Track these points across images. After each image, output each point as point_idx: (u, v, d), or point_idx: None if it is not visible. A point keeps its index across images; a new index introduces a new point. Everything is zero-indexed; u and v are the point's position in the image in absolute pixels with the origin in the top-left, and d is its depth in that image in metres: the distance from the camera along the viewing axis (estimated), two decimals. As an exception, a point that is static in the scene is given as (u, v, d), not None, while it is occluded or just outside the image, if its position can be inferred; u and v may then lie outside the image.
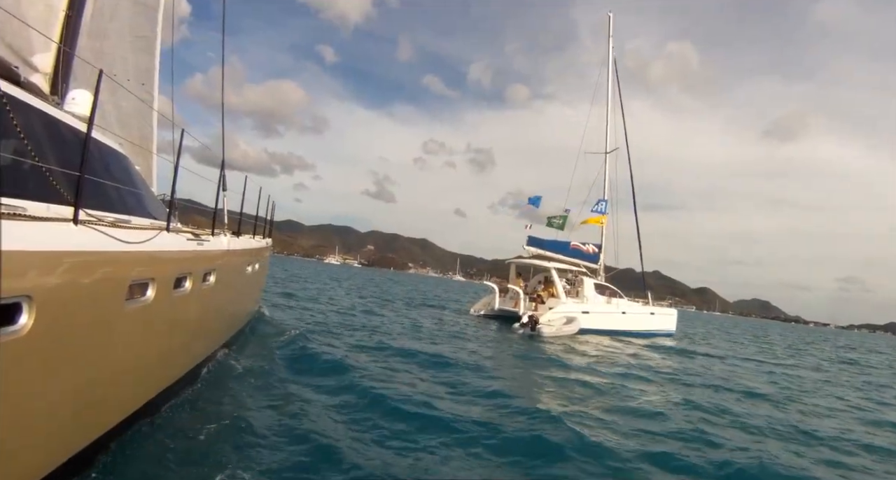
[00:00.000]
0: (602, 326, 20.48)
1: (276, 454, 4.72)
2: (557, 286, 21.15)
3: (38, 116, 4.11)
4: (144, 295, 4.12)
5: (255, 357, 8.52)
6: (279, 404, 6.19)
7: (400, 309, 22.82)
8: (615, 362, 13.67)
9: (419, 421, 6.13)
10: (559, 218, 24.62)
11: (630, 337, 20.83)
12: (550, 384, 9.90)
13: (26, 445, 2.94)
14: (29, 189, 3.63)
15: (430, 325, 17.27)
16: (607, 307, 21.98)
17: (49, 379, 3.01)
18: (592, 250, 23.86)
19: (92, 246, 3.28)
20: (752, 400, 10.47)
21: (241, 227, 8.65)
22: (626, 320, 22.17)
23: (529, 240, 23.08)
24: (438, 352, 11.15)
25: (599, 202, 24.63)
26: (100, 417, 3.87)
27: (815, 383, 15.02)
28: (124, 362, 4.04)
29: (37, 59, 5.58)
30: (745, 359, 19.74)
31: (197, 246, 5.41)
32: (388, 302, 26.84)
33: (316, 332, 11.98)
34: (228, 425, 5.24)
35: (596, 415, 7.51)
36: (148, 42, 8.44)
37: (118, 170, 5.47)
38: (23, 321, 2.66)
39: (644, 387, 10.43)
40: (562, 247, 23.30)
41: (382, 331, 13.92)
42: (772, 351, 27.85)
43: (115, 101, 7.77)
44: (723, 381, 12.39)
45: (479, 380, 8.90)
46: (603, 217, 24.23)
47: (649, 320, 23.69)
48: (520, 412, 7.00)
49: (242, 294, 9.16)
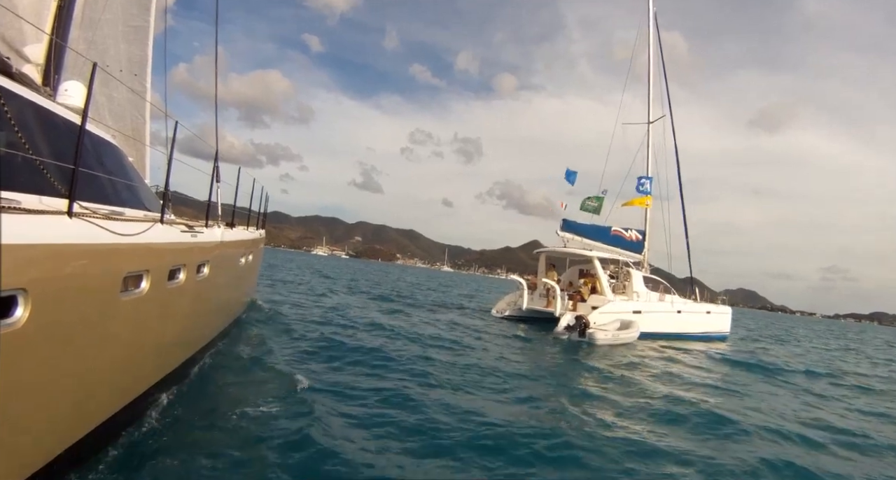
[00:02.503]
0: (656, 329, 17.18)
1: (272, 446, 4.77)
2: (602, 280, 17.57)
3: (31, 108, 4.11)
4: (139, 287, 4.15)
5: (250, 347, 8.57)
6: (275, 395, 6.25)
7: (410, 312, 17.95)
8: (706, 385, 10.30)
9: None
10: (595, 200, 20.89)
11: (685, 341, 17.71)
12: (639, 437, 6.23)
13: (23, 437, 2.98)
14: (22, 181, 3.63)
15: (453, 332, 13.59)
16: (661, 305, 18.57)
17: (45, 371, 3.04)
18: (636, 237, 20.12)
19: (86, 238, 3.30)
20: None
21: (234, 219, 8.65)
22: (682, 321, 18.87)
23: (564, 224, 19.52)
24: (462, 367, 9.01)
25: (642, 180, 20.68)
26: (96, 409, 3.91)
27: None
28: (120, 354, 4.08)
29: (29, 49, 5.54)
30: (869, 379, 15.03)
31: (191, 238, 5.43)
32: (393, 304, 20.59)
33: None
34: (224, 416, 5.30)
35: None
36: (140, 32, 8.37)
37: (112, 162, 5.47)
38: (18, 314, 2.69)
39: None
40: (602, 234, 19.77)
41: (394, 354, 9.44)
42: (865, 357, 23.58)
43: (107, 93, 7.73)
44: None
45: (525, 416, 6.58)
46: (647, 198, 20.54)
47: (706, 320, 20.29)
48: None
49: (237, 285, 9.19)
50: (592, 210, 20.76)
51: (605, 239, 19.63)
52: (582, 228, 19.67)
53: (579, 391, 8.53)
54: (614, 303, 16.68)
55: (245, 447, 4.62)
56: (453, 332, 13.76)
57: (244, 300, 11.20)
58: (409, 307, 20.20)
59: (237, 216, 8.78)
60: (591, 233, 19.60)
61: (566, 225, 19.49)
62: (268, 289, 19.25)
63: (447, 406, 6.57)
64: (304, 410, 5.73)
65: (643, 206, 20.71)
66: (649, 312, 17.32)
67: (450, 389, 7.52)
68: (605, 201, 20.98)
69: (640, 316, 16.61)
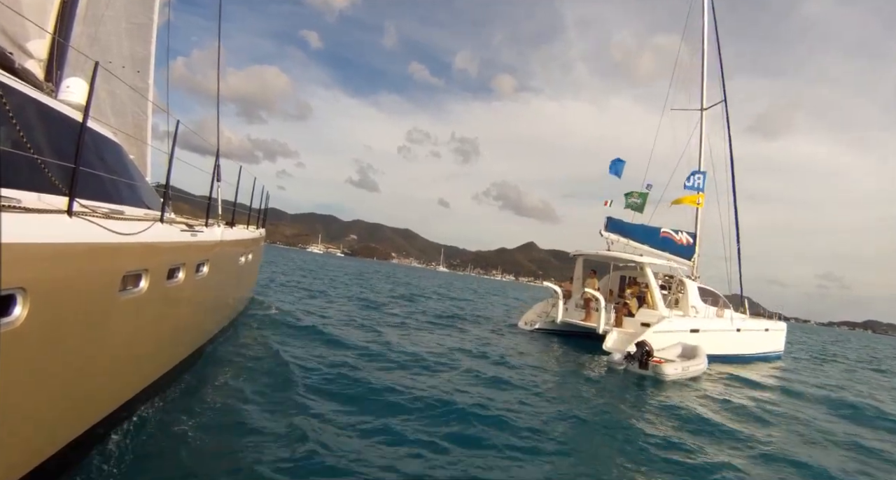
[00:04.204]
0: (715, 350, 14.12)
1: (271, 444, 4.77)
2: (655, 291, 14.89)
3: (32, 105, 4.09)
4: (138, 286, 4.14)
5: (248, 347, 8.56)
6: (272, 398, 6.24)
7: (429, 327, 14.96)
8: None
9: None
10: (639, 196, 17.97)
11: (746, 365, 15.27)
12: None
13: (21, 434, 2.98)
14: (22, 179, 3.62)
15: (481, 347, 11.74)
16: (720, 323, 15.80)
17: (43, 369, 3.04)
18: (686, 241, 17.36)
19: (86, 237, 3.29)
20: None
21: (234, 217, 8.64)
22: (742, 340, 16.27)
23: (610, 223, 16.70)
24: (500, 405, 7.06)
25: (694, 175, 17.78)
26: (95, 407, 3.90)
27: None
28: (118, 352, 4.07)
29: (31, 45, 5.53)
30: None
31: (191, 237, 5.42)
32: (406, 319, 16.05)
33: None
34: (221, 414, 5.29)
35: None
36: (143, 28, 8.36)
37: (112, 160, 5.46)
38: (17, 312, 2.69)
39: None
40: (650, 236, 16.99)
41: (407, 397, 6.92)
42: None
43: (109, 89, 7.72)
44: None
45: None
46: (700, 195, 17.65)
47: (763, 339, 17.67)
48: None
49: (236, 284, 9.18)
50: (636, 208, 17.85)
51: (653, 241, 16.90)
52: (629, 228, 16.87)
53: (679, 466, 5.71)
54: (671, 321, 13.73)
55: (240, 447, 4.61)
56: (482, 347, 11.82)
57: (244, 298, 11.20)
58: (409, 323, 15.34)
59: (237, 214, 8.77)
60: (638, 235, 16.85)
61: (612, 224, 16.67)
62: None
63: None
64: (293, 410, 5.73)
65: (694, 205, 17.88)
66: (708, 331, 14.61)
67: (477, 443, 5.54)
68: (647, 198, 18.10)
69: (697, 335, 13.86)
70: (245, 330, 10.18)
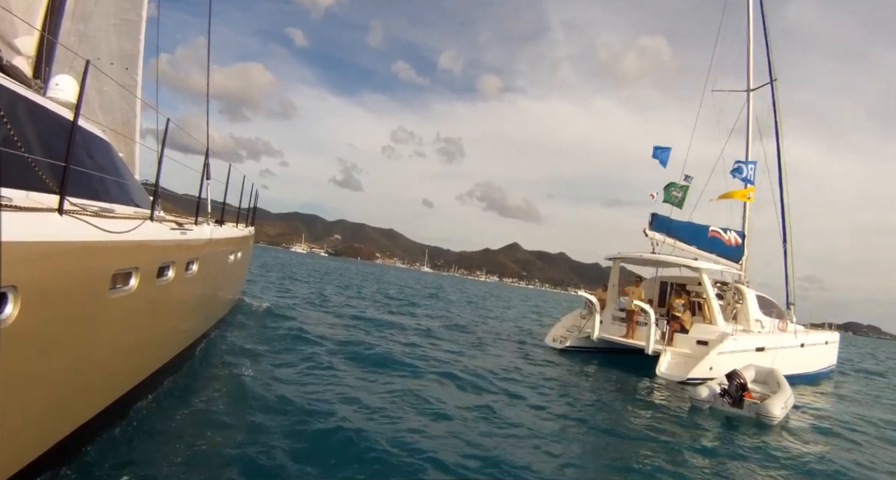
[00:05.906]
0: (783, 371, 11.02)
1: (262, 444, 4.79)
2: (713, 303, 12.42)
3: (21, 103, 4.08)
4: (128, 284, 4.15)
5: (238, 344, 8.55)
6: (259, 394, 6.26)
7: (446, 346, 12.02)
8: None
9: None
10: (679, 189, 15.29)
11: (813, 387, 13.44)
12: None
13: (12, 432, 2.99)
14: (11, 177, 3.62)
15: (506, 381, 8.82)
16: (785, 338, 13.48)
17: (34, 367, 3.05)
18: (735, 241, 14.88)
19: (76, 236, 3.30)
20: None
21: (223, 216, 8.63)
22: (806, 357, 14.04)
23: (655, 220, 13.96)
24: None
25: (743, 165, 15.08)
26: (85, 405, 3.91)
27: None
28: (109, 350, 4.08)
29: (20, 41, 5.50)
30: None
31: (180, 236, 5.42)
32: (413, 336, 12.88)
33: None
34: (212, 411, 5.31)
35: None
36: (132, 25, 8.31)
37: (102, 158, 5.44)
38: (8, 310, 2.71)
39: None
40: (699, 235, 14.42)
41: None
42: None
43: (98, 86, 7.67)
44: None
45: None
46: (751, 188, 15.12)
47: (824, 353, 15.67)
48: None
49: (225, 282, 9.17)
50: (676, 203, 15.22)
51: (701, 242, 14.36)
52: (676, 227, 14.15)
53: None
54: (735, 340, 11.34)
55: (230, 443, 4.63)
56: (511, 374, 9.49)
57: (233, 297, 11.20)
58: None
59: (226, 213, 8.76)
60: (686, 234, 14.16)
61: (657, 221, 13.92)
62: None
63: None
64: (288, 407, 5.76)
65: (744, 199, 15.46)
66: (774, 348, 12.24)
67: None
68: (688, 190, 15.45)
69: (763, 354, 11.68)
70: (235, 327, 10.17)
